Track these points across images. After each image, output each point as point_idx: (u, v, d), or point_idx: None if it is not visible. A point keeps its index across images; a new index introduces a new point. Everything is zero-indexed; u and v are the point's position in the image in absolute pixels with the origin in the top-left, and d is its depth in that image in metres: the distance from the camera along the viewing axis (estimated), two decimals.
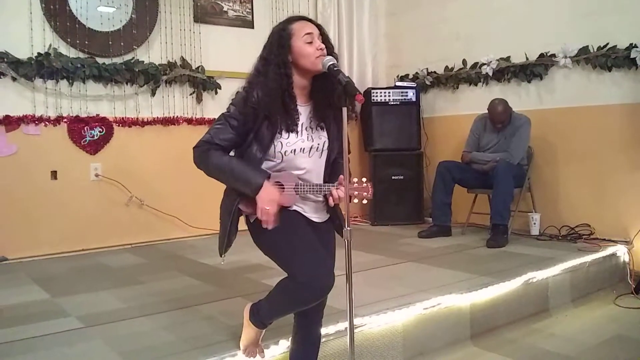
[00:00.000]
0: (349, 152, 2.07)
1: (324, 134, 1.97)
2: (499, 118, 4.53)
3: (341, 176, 1.87)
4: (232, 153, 1.95)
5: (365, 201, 1.95)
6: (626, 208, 4.21)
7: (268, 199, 1.82)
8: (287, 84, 1.87)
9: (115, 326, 2.64)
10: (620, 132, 4.24)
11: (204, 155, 1.89)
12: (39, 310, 2.90)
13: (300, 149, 1.91)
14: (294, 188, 1.90)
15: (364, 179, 1.95)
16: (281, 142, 1.89)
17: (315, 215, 2.01)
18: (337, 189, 1.89)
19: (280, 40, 1.91)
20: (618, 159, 4.26)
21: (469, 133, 4.81)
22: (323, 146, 1.97)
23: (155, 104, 4.78)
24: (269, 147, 1.88)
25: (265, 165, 1.93)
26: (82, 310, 2.87)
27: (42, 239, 4.25)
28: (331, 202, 1.92)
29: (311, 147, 1.93)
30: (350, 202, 1.90)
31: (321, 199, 1.99)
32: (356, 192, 1.93)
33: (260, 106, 1.86)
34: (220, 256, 1.97)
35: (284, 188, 1.89)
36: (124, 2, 4.60)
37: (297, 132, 1.90)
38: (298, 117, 1.91)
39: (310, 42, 1.88)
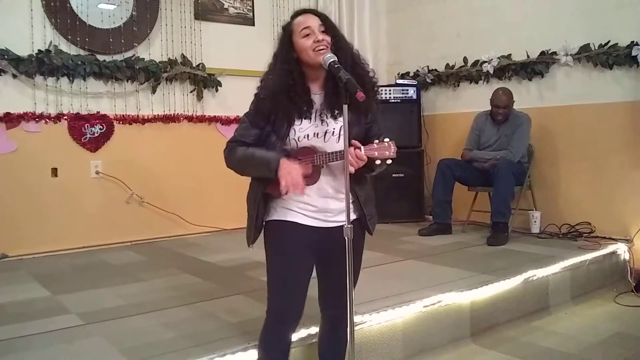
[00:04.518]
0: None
1: (341, 120, 1.92)
2: (501, 101, 4.53)
3: (354, 141, 1.83)
4: None
5: (389, 161, 1.89)
6: (627, 206, 4.21)
7: (285, 172, 1.81)
8: (292, 80, 1.88)
9: (116, 323, 2.65)
10: (621, 130, 4.24)
11: (230, 153, 1.94)
12: (40, 307, 2.91)
13: (314, 134, 1.91)
14: (310, 160, 1.88)
15: (385, 139, 1.90)
16: (294, 129, 1.89)
17: (336, 218, 1.95)
18: (355, 149, 1.83)
19: (283, 38, 1.94)
20: (619, 157, 4.26)
21: (470, 130, 4.81)
22: (339, 131, 1.93)
23: (156, 101, 4.78)
24: (287, 136, 1.89)
25: None
26: (83, 307, 2.88)
27: (42, 236, 4.25)
28: (351, 169, 1.82)
29: (326, 132, 1.92)
30: (373, 161, 1.86)
31: (339, 194, 1.94)
32: (377, 153, 1.87)
33: (268, 98, 1.89)
34: (249, 246, 1.97)
35: (300, 161, 1.87)
36: None
37: (309, 119, 1.91)
38: (312, 106, 1.92)
39: (308, 35, 1.88)
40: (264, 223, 1.97)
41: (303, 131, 1.90)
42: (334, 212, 1.95)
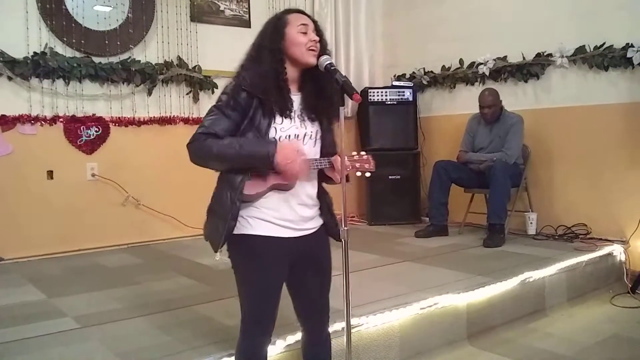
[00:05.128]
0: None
1: (316, 124, 1.94)
2: (486, 101, 4.56)
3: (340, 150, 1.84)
4: None
5: (367, 174, 1.93)
6: (622, 207, 4.21)
7: (286, 158, 1.75)
8: (281, 69, 1.84)
9: (112, 326, 2.64)
10: (616, 131, 4.25)
11: (202, 147, 1.79)
12: (35, 310, 2.90)
13: (295, 135, 1.87)
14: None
15: (363, 153, 1.95)
16: (275, 128, 1.84)
17: (307, 226, 1.92)
18: (337, 160, 1.84)
19: (275, 27, 1.89)
20: (614, 159, 4.27)
21: (464, 132, 4.82)
22: (316, 135, 1.93)
23: (152, 103, 4.77)
24: (267, 134, 1.82)
25: None
26: (79, 310, 2.87)
27: (38, 239, 4.23)
28: (337, 177, 1.85)
29: (305, 135, 1.90)
30: (351, 174, 1.89)
31: (312, 201, 1.94)
32: (358, 164, 1.92)
33: (253, 89, 1.80)
34: (215, 252, 1.88)
35: None
36: (120, 1, 4.58)
37: (290, 118, 1.87)
38: (292, 104, 1.87)
39: (305, 33, 1.86)
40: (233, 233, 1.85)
41: (285, 131, 1.85)
42: (306, 219, 1.91)
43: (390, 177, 5.36)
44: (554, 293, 3.56)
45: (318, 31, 1.91)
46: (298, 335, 2.36)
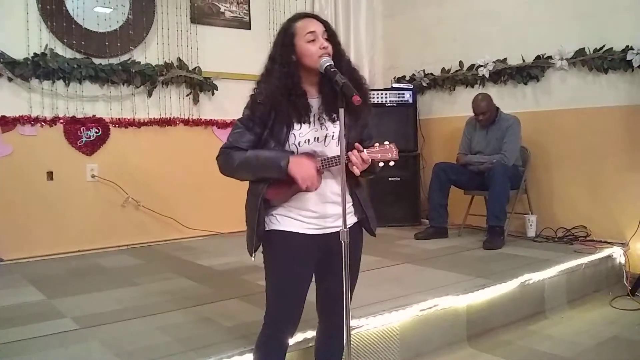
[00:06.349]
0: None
1: (338, 123, 1.92)
2: (479, 107, 4.58)
3: (357, 144, 1.88)
4: None
5: (392, 163, 1.94)
6: (622, 210, 4.21)
7: (300, 169, 1.82)
8: (292, 83, 1.86)
9: (111, 327, 2.64)
10: (616, 134, 4.25)
11: (226, 159, 1.90)
12: (35, 311, 2.89)
13: (315, 138, 1.90)
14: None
15: (386, 142, 1.95)
16: (294, 134, 1.88)
17: (335, 223, 1.93)
18: (354, 153, 1.87)
19: (284, 39, 1.90)
20: (614, 161, 4.27)
21: (462, 135, 4.83)
22: (339, 135, 1.92)
23: (152, 104, 4.77)
24: (286, 141, 1.88)
25: None
26: (78, 311, 2.87)
27: (38, 240, 4.23)
28: (356, 171, 1.89)
29: (326, 136, 1.92)
30: (375, 164, 1.92)
31: (338, 198, 1.93)
32: (379, 155, 1.92)
33: (267, 102, 1.86)
34: (250, 255, 1.94)
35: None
36: (120, 2, 4.59)
37: (309, 123, 1.90)
38: (310, 110, 1.90)
39: (313, 40, 1.86)
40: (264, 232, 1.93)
41: (303, 136, 1.89)
42: (334, 217, 1.94)
43: (390, 179, 5.36)
44: (554, 295, 3.56)
45: (329, 32, 1.91)
46: (298, 337, 2.37)
